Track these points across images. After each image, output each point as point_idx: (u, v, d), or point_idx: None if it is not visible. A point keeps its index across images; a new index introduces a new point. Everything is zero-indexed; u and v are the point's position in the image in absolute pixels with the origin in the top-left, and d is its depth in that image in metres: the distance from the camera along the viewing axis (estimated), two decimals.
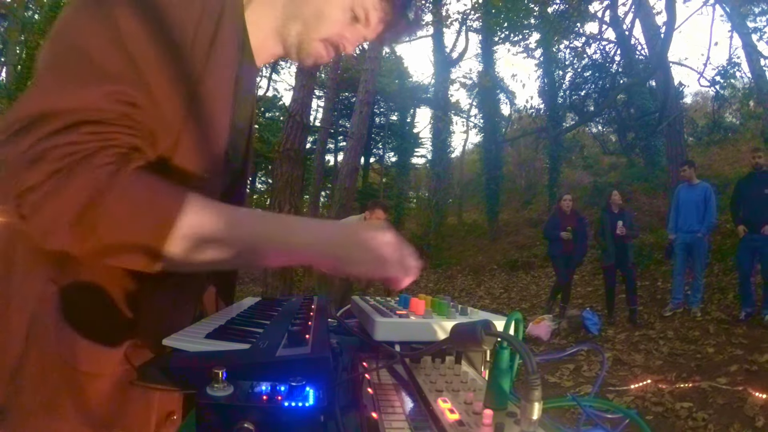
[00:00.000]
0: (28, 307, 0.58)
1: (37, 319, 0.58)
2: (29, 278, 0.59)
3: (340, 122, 19.98)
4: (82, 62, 0.53)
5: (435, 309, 0.77)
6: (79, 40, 0.54)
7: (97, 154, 0.50)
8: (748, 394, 3.30)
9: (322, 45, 0.77)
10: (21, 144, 0.49)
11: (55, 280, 0.59)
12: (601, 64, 14.58)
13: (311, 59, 0.78)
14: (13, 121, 0.50)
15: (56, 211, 0.48)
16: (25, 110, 0.50)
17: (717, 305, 5.82)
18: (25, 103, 0.51)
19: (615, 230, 5.54)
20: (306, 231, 0.59)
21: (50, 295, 0.58)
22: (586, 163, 17.12)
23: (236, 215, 0.57)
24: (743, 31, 11.33)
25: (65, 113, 0.50)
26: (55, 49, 0.55)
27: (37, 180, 0.48)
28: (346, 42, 0.78)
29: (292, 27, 0.75)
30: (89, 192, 0.49)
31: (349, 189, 9.54)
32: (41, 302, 0.58)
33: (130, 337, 0.61)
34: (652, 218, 10.09)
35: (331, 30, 0.75)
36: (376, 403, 0.49)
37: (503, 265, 11.32)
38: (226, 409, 0.40)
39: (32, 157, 0.48)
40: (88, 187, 0.49)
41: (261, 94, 9.90)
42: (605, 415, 0.47)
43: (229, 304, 0.89)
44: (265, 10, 0.75)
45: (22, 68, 10.56)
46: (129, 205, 0.51)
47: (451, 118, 16.78)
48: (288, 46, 0.77)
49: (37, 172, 0.48)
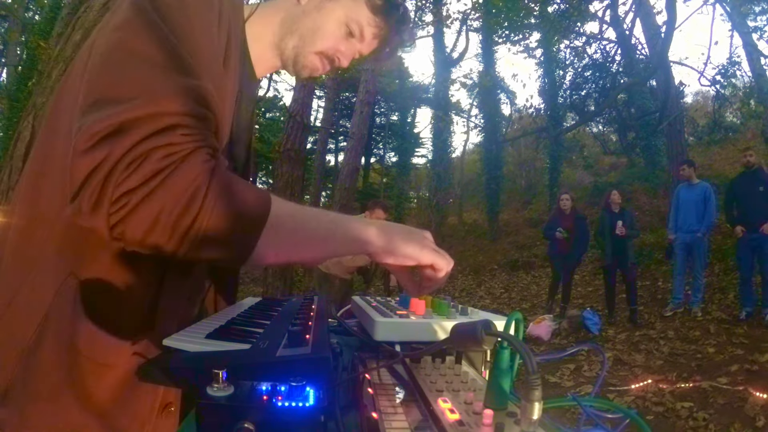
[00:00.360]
0: (46, 298, 0.59)
1: (55, 310, 0.59)
2: (49, 271, 0.60)
3: (341, 122, 19.97)
4: (161, 72, 0.54)
5: (435, 309, 0.77)
6: (144, 53, 0.55)
7: (195, 153, 0.52)
8: (748, 393, 3.30)
9: (317, 58, 0.81)
10: (116, 149, 0.49)
11: (76, 273, 0.60)
12: (601, 64, 14.58)
13: (307, 71, 0.82)
14: (101, 128, 0.50)
15: (159, 209, 0.49)
16: (115, 117, 0.50)
17: (717, 305, 5.81)
18: (113, 112, 0.51)
19: (614, 230, 5.53)
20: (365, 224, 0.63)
21: (70, 287, 0.59)
22: (586, 163, 17.11)
23: (313, 210, 0.62)
24: (743, 30, 11.33)
25: (158, 117, 0.51)
26: (123, 65, 0.55)
27: (139, 181, 0.49)
28: (341, 56, 0.82)
29: (289, 41, 0.79)
30: (193, 189, 0.50)
31: (349, 189, 9.55)
32: (60, 294, 0.59)
33: (146, 331, 0.62)
34: (652, 218, 10.09)
35: (327, 44, 0.80)
36: (376, 403, 0.49)
37: (503, 265, 11.32)
38: (226, 409, 0.40)
39: (131, 159, 0.49)
40: (191, 185, 0.50)
41: (261, 95, 9.91)
42: (606, 415, 0.47)
43: (231, 303, 0.90)
44: (264, 25, 0.79)
45: (23, 69, 10.55)
46: (228, 201, 0.52)
47: (451, 118, 16.77)
48: (285, 58, 0.81)
49: (138, 174, 0.49)
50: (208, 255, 0.54)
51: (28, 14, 12.30)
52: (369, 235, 0.62)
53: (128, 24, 0.57)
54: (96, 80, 0.55)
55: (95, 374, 0.59)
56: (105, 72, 0.55)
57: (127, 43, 0.56)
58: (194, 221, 0.50)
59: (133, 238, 0.51)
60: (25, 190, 0.66)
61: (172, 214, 0.49)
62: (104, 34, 0.59)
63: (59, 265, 0.60)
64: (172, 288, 0.65)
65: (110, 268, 0.61)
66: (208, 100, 0.57)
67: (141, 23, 0.57)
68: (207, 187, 0.51)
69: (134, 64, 0.55)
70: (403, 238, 0.64)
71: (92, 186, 0.49)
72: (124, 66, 0.55)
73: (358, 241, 0.62)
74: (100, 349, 0.60)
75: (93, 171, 0.49)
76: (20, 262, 0.63)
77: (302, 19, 0.78)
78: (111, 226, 0.50)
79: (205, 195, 0.51)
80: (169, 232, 0.50)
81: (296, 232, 0.58)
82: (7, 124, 10.16)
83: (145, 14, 0.57)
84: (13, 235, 0.65)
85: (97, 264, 0.60)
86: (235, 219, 0.53)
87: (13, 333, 0.60)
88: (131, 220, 0.49)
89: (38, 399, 0.58)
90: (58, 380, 0.58)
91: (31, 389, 0.58)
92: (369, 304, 0.81)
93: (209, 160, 0.53)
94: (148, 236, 0.50)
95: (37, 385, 0.58)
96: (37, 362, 0.58)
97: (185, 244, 0.51)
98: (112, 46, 0.56)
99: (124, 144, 0.49)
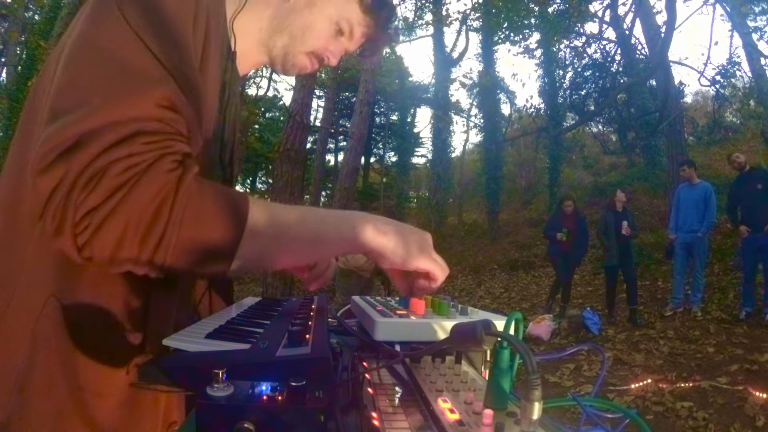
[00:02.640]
0: (29, 322, 0.55)
1: (40, 336, 0.55)
2: (29, 292, 0.57)
3: (341, 122, 19.99)
4: (122, 72, 0.51)
5: (435, 309, 0.77)
6: (108, 51, 0.52)
7: (159, 163, 0.48)
8: (748, 393, 3.30)
9: (307, 57, 0.79)
10: (73, 165, 0.45)
11: (57, 295, 0.56)
12: (601, 64, 14.58)
13: (296, 70, 0.81)
14: (57, 144, 0.46)
15: (124, 226, 0.46)
16: (70, 129, 0.46)
17: (717, 305, 5.82)
18: (69, 122, 0.47)
19: (619, 230, 5.52)
20: (359, 222, 0.60)
21: (51, 311, 0.56)
22: (586, 162, 17.14)
23: (299, 211, 0.58)
24: (743, 30, 11.33)
25: (117, 126, 0.47)
26: (82, 64, 0.52)
27: (100, 199, 0.45)
28: (330, 54, 0.80)
29: (278, 39, 0.77)
30: (159, 201, 0.47)
31: (349, 189, 9.55)
32: (42, 319, 0.55)
33: (135, 356, 0.59)
34: (652, 218, 10.10)
35: (317, 43, 0.78)
36: (376, 403, 0.49)
37: (503, 264, 11.31)
38: (226, 409, 0.40)
39: (89, 176, 0.45)
40: (156, 197, 0.47)
41: (261, 94, 9.90)
42: (605, 415, 0.47)
43: (228, 304, 0.89)
44: (251, 21, 0.75)
45: (23, 69, 10.56)
46: (199, 209, 0.49)
47: (451, 118, 16.77)
48: (273, 56, 0.79)
49: (98, 191, 0.45)
50: (185, 268, 0.50)
51: (28, 14, 12.30)
52: (363, 235, 0.58)
53: (90, 20, 0.54)
54: (57, 85, 0.51)
55: (90, 403, 0.56)
56: (66, 75, 0.52)
57: (89, 42, 0.53)
58: (162, 236, 0.47)
59: (101, 258, 0.47)
60: (3, 200, 0.61)
61: (138, 231, 0.46)
62: (71, 32, 0.56)
63: (38, 286, 0.56)
64: (159, 303, 0.62)
65: (92, 289, 0.57)
66: (174, 101, 0.53)
67: (105, 20, 0.53)
68: (174, 198, 0.47)
69: (94, 63, 0.51)
70: (400, 241, 0.60)
71: (53, 207, 0.46)
72: (84, 66, 0.51)
73: (351, 240, 0.59)
74: (90, 378, 0.56)
75: (53, 191, 0.46)
76: (3, 282, 0.58)
77: (292, 17, 0.76)
78: (78, 248, 0.47)
79: (171, 206, 0.47)
80: (137, 249, 0.47)
81: (280, 238, 0.55)
82: (7, 124, 10.16)
83: (109, 9, 0.53)
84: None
85: (78, 285, 0.56)
86: (209, 231, 0.49)
87: (4, 362, 0.56)
88: (96, 240, 0.46)
89: (39, 428, 0.55)
90: (55, 408, 0.55)
91: (30, 419, 0.55)
92: (369, 304, 0.81)
93: (175, 169, 0.49)
94: (116, 255, 0.47)
95: (34, 413, 0.55)
96: (32, 390, 0.55)
97: (157, 261, 0.48)
98: (75, 45, 0.53)
99: (82, 159, 0.45)
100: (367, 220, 0.60)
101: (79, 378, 0.56)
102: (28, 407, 0.55)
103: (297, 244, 0.57)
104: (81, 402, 0.56)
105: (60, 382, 0.56)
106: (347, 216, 0.61)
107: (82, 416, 0.56)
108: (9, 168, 0.63)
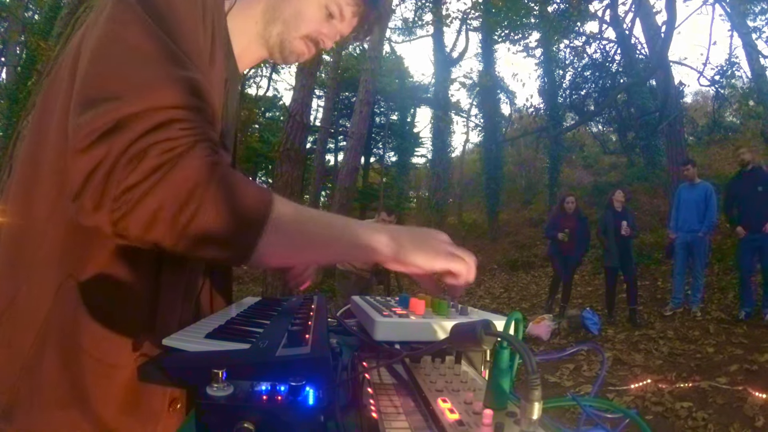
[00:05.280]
0: (45, 302, 0.58)
1: (55, 313, 0.58)
2: (46, 274, 0.60)
3: (340, 122, 19.96)
4: (151, 64, 0.54)
5: (435, 309, 0.77)
6: (135, 45, 0.54)
7: (195, 148, 0.52)
8: (747, 393, 3.30)
9: (302, 42, 0.82)
10: (114, 145, 0.49)
11: (74, 274, 0.59)
12: (601, 64, 14.57)
13: (294, 57, 0.83)
14: (99, 126, 0.49)
15: (159, 205, 0.49)
16: (110, 114, 0.50)
17: (717, 305, 5.82)
18: (108, 108, 0.50)
19: (618, 229, 5.51)
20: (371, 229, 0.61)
21: (69, 289, 0.59)
22: (586, 162, 17.13)
23: (317, 213, 0.60)
24: (743, 30, 11.33)
25: (153, 112, 0.51)
26: (111, 58, 0.55)
27: (140, 177, 0.48)
28: (324, 38, 0.83)
29: (273, 28, 0.80)
30: (193, 184, 0.50)
31: (349, 189, 9.55)
32: (60, 296, 0.59)
33: (148, 330, 0.62)
34: (652, 218, 10.10)
35: (310, 27, 0.80)
36: (376, 403, 0.49)
37: (503, 264, 11.32)
38: (226, 409, 0.40)
39: (131, 156, 0.48)
40: (191, 179, 0.50)
41: (261, 94, 9.91)
42: (605, 415, 0.47)
43: (227, 303, 0.89)
44: (246, 17, 0.79)
45: (23, 69, 10.55)
46: (229, 199, 0.52)
47: (451, 118, 16.77)
48: (271, 46, 0.81)
49: (138, 170, 0.48)
50: (207, 253, 0.53)
51: (27, 14, 12.30)
52: (377, 243, 0.60)
53: (117, 19, 0.57)
54: (88, 77, 0.54)
55: (105, 376, 0.59)
56: (97, 68, 0.54)
57: (117, 37, 0.55)
58: (193, 217, 0.50)
59: (135, 233, 0.50)
60: (16, 193, 0.65)
61: (171, 210, 0.49)
62: (93, 31, 0.58)
63: (56, 268, 0.60)
64: (169, 283, 0.65)
65: (108, 267, 0.60)
66: (203, 92, 0.57)
67: (129, 18, 0.56)
68: (207, 183, 0.50)
69: (127, 58, 0.54)
70: (414, 245, 0.62)
71: (94, 184, 0.49)
72: (117, 61, 0.54)
73: (366, 248, 0.60)
74: (107, 350, 0.59)
75: (94, 169, 0.49)
76: (14, 268, 0.62)
77: (283, 5, 0.79)
78: (114, 222, 0.50)
79: (204, 190, 0.50)
80: (168, 227, 0.50)
81: (299, 234, 0.57)
82: (7, 124, 10.15)
83: (132, 9, 0.56)
84: (6, 240, 0.64)
85: (95, 263, 0.60)
86: (236, 218, 0.52)
87: (12, 344, 0.59)
88: (133, 216, 0.49)
89: (47, 410, 0.57)
90: (67, 387, 0.58)
91: (39, 401, 0.57)
92: (369, 304, 0.81)
93: (210, 155, 0.53)
94: (148, 232, 0.50)
95: (44, 396, 0.57)
96: (41, 372, 0.57)
97: (184, 241, 0.51)
98: (102, 41, 0.56)
99: (123, 140, 0.49)
100: (381, 229, 0.62)
101: (97, 349, 0.59)
102: (37, 387, 0.57)
103: (314, 243, 0.59)
104: (93, 377, 0.59)
105: (73, 356, 0.58)
106: (362, 224, 0.63)
107: (99, 393, 0.59)
108: (20, 169, 0.67)
